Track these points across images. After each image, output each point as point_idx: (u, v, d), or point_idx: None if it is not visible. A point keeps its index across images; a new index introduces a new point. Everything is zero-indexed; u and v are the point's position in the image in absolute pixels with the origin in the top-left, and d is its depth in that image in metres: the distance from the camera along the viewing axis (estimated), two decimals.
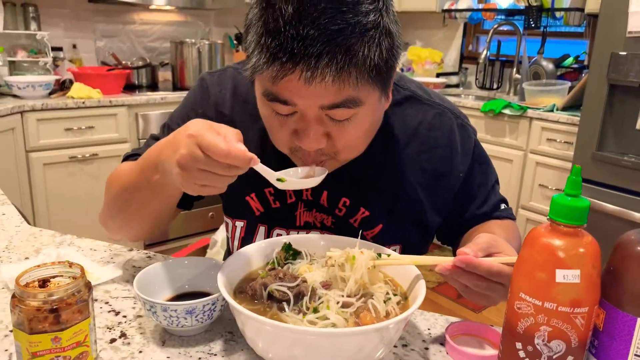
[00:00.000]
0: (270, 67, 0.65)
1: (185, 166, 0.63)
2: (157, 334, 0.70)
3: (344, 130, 0.71)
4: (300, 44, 0.62)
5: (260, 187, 0.89)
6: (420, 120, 0.88)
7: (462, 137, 0.89)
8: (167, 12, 3.47)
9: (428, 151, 0.87)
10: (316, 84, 0.64)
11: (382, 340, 0.58)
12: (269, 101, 0.70)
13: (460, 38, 3.75)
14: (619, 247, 0.55)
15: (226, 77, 0.93)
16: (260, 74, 0.67)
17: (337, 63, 0.63)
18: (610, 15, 2.20)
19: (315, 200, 0.88)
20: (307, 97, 0.66)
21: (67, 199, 2.65)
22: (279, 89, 0.67)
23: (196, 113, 0.91)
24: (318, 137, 0.71)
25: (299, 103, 0.68)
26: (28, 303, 0.55)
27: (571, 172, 0.54)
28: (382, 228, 0.88)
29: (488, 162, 0.95)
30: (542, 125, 2.65)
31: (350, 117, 0.70)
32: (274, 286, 0.65)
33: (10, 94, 2.63)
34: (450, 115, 0.89)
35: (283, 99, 0.68)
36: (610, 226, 2.24)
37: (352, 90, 0.66)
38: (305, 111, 0.69)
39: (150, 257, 0.93)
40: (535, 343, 0.54)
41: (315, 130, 0.70)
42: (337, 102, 0.67)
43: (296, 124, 0.71)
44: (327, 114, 0.69)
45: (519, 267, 0.56)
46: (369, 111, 0.72)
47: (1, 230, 1.03)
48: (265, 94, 0.70)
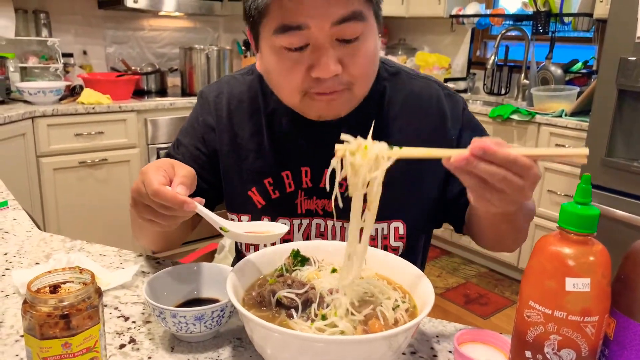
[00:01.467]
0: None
1: (134, 199, 0.72)
2: (166, 340, 0.70)
3: (355, 52, 0.76)
4: None
5: (260, 179, 0.92)
6: (409, 92, 0.93)
7: (450, 103, 0.93)
8: (176, 18, 3.50)
9: (418, 119, 0.91)
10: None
11: (390, 347, 0.58)
12: (282, 34, 0.73)
13: (468, 43, 3.74)
14: (630, 256, 0.54)
15: (222, 84, 0.98)
16: (272, 3, 0.72)
17: None
18: (619, 21, 2.19)
19: (315, 186, 0.91)
20: (320, 14, 0.71)
21: (76, 204, 2.67)
22: (292, 13, 0.72)
23: (198, 122, 0.97)
24: (332, 62, 0.74)
25: (312, 24, 0.72)
26: (39, 309, 0.56)
27: (581, 180, 0.54)
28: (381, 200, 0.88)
29: (481, 129, 0.96)
30: (550, 130, 2.64)
31: (359, 35, 0.75)
32: (282, 293, 0.65)
33: (22, 100, 2.66)
34: (436, 86, 0.94)
35: (296, 23, 0.72)
36: (620, 232, 2.22)
37: (357, 4, 0.73)
38: (317, 36, 0.73)
39: (160, 263, 0.94)
40: (545, 352, 0.54)
41: (330, 53, 0.74)
42: (346, 15, 0.72)
43: (310, 58, 0.75)
44: (337, 37, 0.74)
45: (529, 275, 0.56)
46: (371, 31, 0.78)
47: (12, 235, 1.04)
48: (278, 29, 0.73)
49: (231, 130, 0.94)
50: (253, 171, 0.92)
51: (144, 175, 0.69)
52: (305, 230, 0.92)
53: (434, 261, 3.23)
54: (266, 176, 0.92)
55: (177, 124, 2.88)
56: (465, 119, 0.94)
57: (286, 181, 0.91)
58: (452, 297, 2.80)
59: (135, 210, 0.73)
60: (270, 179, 0.91)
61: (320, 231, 0.92)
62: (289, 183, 0.91)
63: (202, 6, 3.13)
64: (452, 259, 3.28)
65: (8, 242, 1.00)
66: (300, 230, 0.92)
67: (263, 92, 0.94)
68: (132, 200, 0.73)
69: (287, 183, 0.91)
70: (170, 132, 2.88)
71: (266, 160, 0.92)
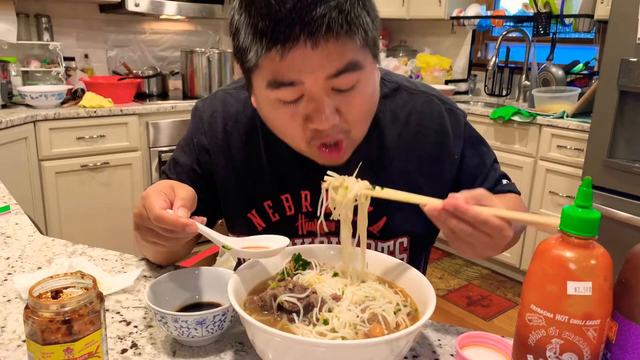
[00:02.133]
0: (274, 46, 0.67)
1: (137, 223, 0.74)
2: (167, 344, 0.70)
3: (351, 100, 0.73)
4: (297, 13, 0.65)
5: (260, 202, 0.90)
6: (410, 109, 0.90)
7: (452, 120, 0.91)
8: (178, 21, 3.51)
9: (421, 139, 0.89)
10: (321, 49, 0.67)
11: (392, 351, 0.58)
12: (276, 89, 0.71)
13: (469, 45, 3.74)
14: (631, 259, 0.54)
15: (216, 102, 0.95)
16: (264, 60, 0.69)
17: (336, 23, 0.66)
18: (620, 22, 2.19)
19: (315, 210, 0.88)
20: (313, 70, 0.68)
21: (78, 207, 2.68)
22: (284, 69, 0.69)
23: (193, 142, 0.94)
24: (330, 112, 0.72)
25: (306, 79, 0.69)
26: (41, 314, 0.56)
27: (582, 183, 0.54)
28: (386, 221, 0.89)
29: (482, 142, 0.96)
30: (552, 132, 2.64)
31: (355, 84, 0.72)
32: (283, 297, 0.65)
33: (24, 104, 2.67)
34: (437, 102, 0.92)
35: (289, 80, 0.69)
36: (622, 234, 2.22)
37: (352, 54, 0.70)
38: (312, 89, 0.70)
39: (161, 267, 0.94)
40: (547, 356, 0.54)
41: (325, 106, 0.71)
42: (341, 68, 0.69)
43: (306, 109, 0.73)
44: (333, 87, 0.71)
45: (530, 279, 0.56)
46: (369, 76, 0.75)
47: (14, 240, 1.04)
48: (271, 83, 0.71)
49: (227, 151, 0.91)
50: (252, 194, 0.91)
51: (145, 200, 0.70)
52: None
53: (436, 263, 3.23)
54: (265, 199, 0.90)
55: (178, 127, 2.89)
56: (466, 134, 0.93)
57: (286, 204, 0.90)
58: (454, 299, 2.80)
59: (138, 233, 0.74)
60: (269, 202, 0.90)
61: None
62: (289, 206, 0.90)
63: (203, 9, 3.14)
64: (454, 260, 3.28)
65: (10, 247, 1.00)
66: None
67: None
68: (135, 224, 0.75)
69: (287, 206, 0.90)
70: (172, 135, 2.89)
71: (265, 183, 0.90)
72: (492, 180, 0.94)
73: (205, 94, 3.12)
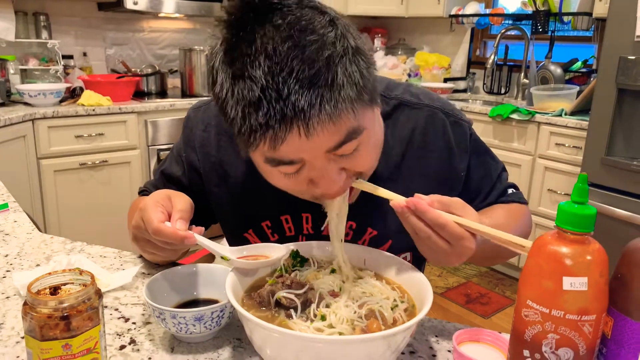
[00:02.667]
0: (265, 139, 0.61)
1: (135, 235, 0.74)
2: (166, 341, 0.71)
3: (356, 159, 0.69)
4: (287, 102, 0.58)
5: (257, 222, 0.88)
6: (413, 126, 0.86)
7: (456, 134, 0.88)
8: (176, 19, 3.50)
9: (426, 156, 0.86)
10: (317, 134, 0.61)
11: (389, 347, 0.58)
12: (275, 166, 0.66)
13: (467, 43, 3.74)
14: (626, 254, 0.55)
15: (210, 113, 0.90)
16: (257, 149, 0.63)
17: (329, 103, 0.59)
18: (618, 20, 2.20)
19: (316, 233, 0.86)
20: (311, 149, 0.63)
21: (77, 205, 2.68)
22: (280, 154, 0.63)
23: (182, 157, 0.92)
24: (335, 177, 0.67)
25: (305, 157, 0.64)
26: (39, 310, 0.56)
27: (578, 179, 0.54)
28: (391, 244, 0.87)
29: (487, 152, 0.93)
30: (550, 130, 2.64)
31: (357, 147, 0.67)
32: (281, 293, 0.65)
33: (22, 102, 2.67)
34: (441, 116, 0.87)
35: (288, 159, 0.64)
36: (620, 231, 2.22)
37: (350, 121, 0.63)
38: (313, 162, 0.65)
39: (160, 265, 0.94)
40: (542, 351, 0.54)
41: (330, 173, 0.67)
42: (341, 140, 0.64)
43: (309, 174, 0.67)
44: (334, 153, 0.66)
45: (526, 275, 0.56)
46: (371, 132, 0.70)
47: (13, 237, 1.04)
48: (269, 161, 0.66)
49: (221, 169, 0.88)
50: (249, 214, 0.88)
51: (143, 212, 0.70)
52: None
53: None
54: (264, 219, 0.87)
55: (177, 125, 2.89)
56: (472, 146, 0.90)
57: (285, 225, 0.87)
58: (453, 296, 2.80)
59: (137, 245, 0.75)
60: (268, 222, 0.87)
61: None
62: (288, 227, 0.87)
63: (201, 7, 3.13)
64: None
65: (9, 244, 1.01)
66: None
67: None
68: (133, 236, 0.75)
69: (287, 227, 0.87)
70: (171, 133, 2.89)
71: (264, 202, 0.86)
72: (498, 191, 0.93)
73: (204, 93, 3.12)
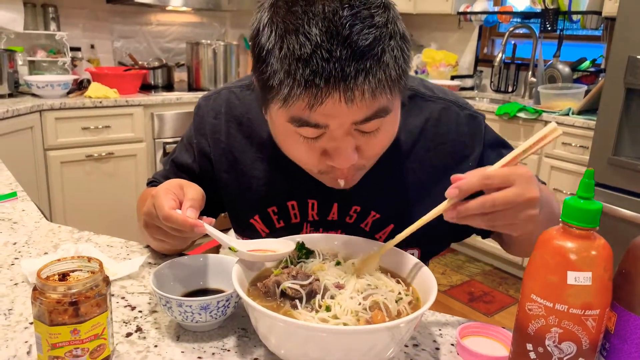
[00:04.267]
0: (306, 95, 0.62)
1: (146, 221, 0.75)
2: (172, 329, 0.71)
3: (373, 140, 0.70)
4: (336, 65, 0.60)
5: (264, 208, 0.89)
6: (427, 117, 0.87)
7: (471, 127, 0.87)
8: (184, 13, 3.51)
9: (436, 147, 0.86)
10: (356, 103, 0.63)
11: (393, 339, 0.59)
12: (298, 126, 0.67)
13: (475, 41, 3.73)
14: (631, 250, 0.55)
15: (220, 101, 0.92)
16: (292, 105, 0.64)
17: (374, 77, 0.62)
18: (628, 19, 2.18)
19: (321, 219, 0.87)
20: (343, 116, 0.65)
21: (83, 197, 2.69)
22: (313, 115, 0.64)
23: (193, 143, 0.93)
24: (350, 152, 0.69)
25: (332, 124, 0.66)
26: (49, 295, 0.57)
27: (584, 175, 0.54)
28: (393, 229, 0.87)
29: (503, 144, 0.91)
30: None
31: (380, 126, 0.69)
32: (287, 284, 0.66)
33: (30, 93, 2.68)
34: (455, 109, 0.87)
35: (315, 122, 0.65)
36: (626, 231, 2.21)
37: (385, 100, 0.66)
38: (336, 131, 0.67)
39: (166, 255, 0.95)
40: (546, 344, 0.55)
41: (347, 146, 0.68)
42: (369, 115, 0.66)
43: (325, 144, 0.69)
44: (357, 129, 0.68)
45: (531, 269, 0.56)
46: (395, 118, 0.72)
47: (21, 225, 1.05)
48: (294, 120, 0.67)
49: (231, 154, 0.90)
50: (256, 199, 0.88)
51: (154, 199, 0.71)
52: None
53: (439, 259, 3.24)
54: (270, 205, 0.88)
55: (183, 119, 2.90)
56: (487, 138, 0.89)
57: (292, 212, 0.88)
58: (457, 294, 2.81)
59: (147, 231, 0.76)
60: (274, 207, 0.88)
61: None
62: (294, 214, 0.88)
63: (209, 1, 3.14)
64: (457, 256, 3.29)
65: (17, 232, 1.02)
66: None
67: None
68: (144, 222, 0.75)
69: (293, 214, 0.88)
70: (177, 126, 2.90)
71: (271, 188, 0.88)
72: None
73: (211, 86, 3.13)
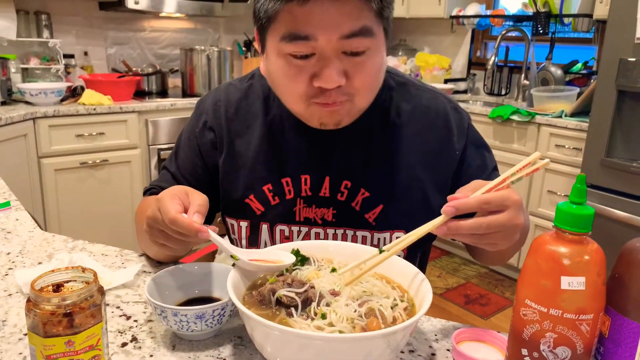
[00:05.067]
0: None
1: (150, 225, 0.75)
2: (167, 339, 0.71)
3: (360, 65, 0.76)
4: None
5: (260, 186, 0.92)
6: (416, 103, 0.93)
7: (456, 118, 0.93)
8: (177, 19, 3.51)
9: (425, 132, 0.91)
10: (340, 5, 0.70)
11: (388, 345, 0.59)
12: (290, 42, 0.74)
13: (468, 44, 3.75)
14: (624, 254, 0.55)
15: (219, 92, 0.98)
16: (282, 10, 0.72)
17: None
18: (618, 21, 2.20)
19: (314, 195, 0.91)
20: (328, 26, 0.72)
21: (77, 204, 2.68)
22: (301, 21, 0.72)
23: (195, 135, 0.97)
24: (338, 72, 0.74)
25: (320, 36, 0.72)
26: (43, 307, 0.57)
27: (576, 180, 0.55)
28: (382, 209, 0.90)
29: (485, 146, 0.96)
30: (550, 131, 2.64)
31: (365, 50, 0.75)
32: (282, 292, 0.66)
33: (23, 101, 2.67)
34: (443, 99, 0.94)
35: (304, 34, 0.72)
36: (619, 232, 2.23)
37: (367, 19, 0.73)
38: (324, 47, 0.73)
39: (161, 263, 0.95)
40: (540, 349, 0.55)
41: (334, 64, 0.74)
42: (354, 30, 0.72)
43: (315, 66, 0.75)
44: (344, 50, 0.74)
45: (525, 274, 0.57)
46: (379, 47, 0.78)
47: (15, 235, 1.05)
48: (285, 37, 0.74)
49: (229, 137, 0.94)
50: (252, 177, 0.93)
51: (160, 203, 0.72)
52: (304, 238, 0.93)
53: (435, 261, 3.24)
54: (266, 182, 0.92)
55: (177, 125, 2.90)
56: (470, 135, 0.94)
57: (286, 188, 0.91)
58: (453, 297, 2.81)
59: (150, 235, 0.76)
60: (270, 185, 0.92)
61: (319, 239, 0.92)
62: (288, 190, 0.91)
63: (202, 7, 3.14)
64: (453, 259, 3.29)
65: (11, 242, 1.01)
66: (300, 237, 0.93)
67: (265, 97, 0.94)
68: (147, 226, 0.76)
69: (287, 190, 0.91)
70: (171, 133, 2.89)
71: (266, 166, 0.92)
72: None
73: (205, 92, 3.12)
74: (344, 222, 0.91)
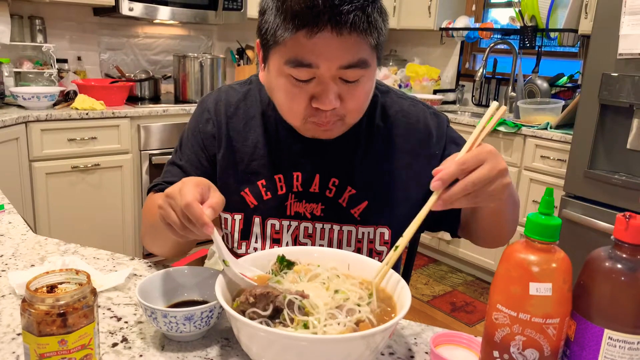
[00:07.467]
0: (303, 28, 0.76)
1: (164, 201, 0.75)
2: (156, 339, 0.74)
3: (353, 91, 0.83)
4: (328, 5, 0.74)
5: (254, 181, 0.98)
6: (398, 109, 1.01)
7: (435, 122, 1.01)
8: (171, 26, 3.54)
9: (407, 134, 0.99)
10: (343, 39, 0.77)
11: (368, 347, 0.62)
12: (293, 67, 0.80)
13: (457, 56, 3.81)
14: (588, 263, 0.59)
15: (221, 93, 1.05)
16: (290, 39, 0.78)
17: (360, 21, 0.76)
18: (602, 37, 2.27)
19: (305, 190, 0.97)
20: (330, 57, 0.78)
21: (68, 209, 2.69)
22: (306, 51, 0.78)
23: (198, 130, 1.03)
24: (335, 96, 0.82)
25: (322, 65, 0.78)
26: (37, 307, 0.59)
27: (545, 193, 0.58)
28: (367, 205, 0.97)
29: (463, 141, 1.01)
30: (536, 142, 2.70)
31: (359, 78, 0.82)
32: (249, 312, 0.66)
33: (15, 104, 2.68)
34: (422, 106, 1.03)
35: (308, 62, 0.78)
36: (601, 243, 2.23)
37: (364, 53, 0.80)
38: (324, 74, 0.80)
39: (151, 266, 0.97)
40: (511, 352, 0.58)
41: (331, 90, 0.81)
42: (353, 62, 0.79)
43: (314, 89, 0.82)
44: (341, 77, 0.81)
45: (497, 280, 0.60)
46: (371, 75, 0.85)
47: (8, 238, 1.06)
48: (290, 61, 0.80)
49: (227, 134, 1.00)
50: (248, 173, 0.99)
51: (183, 184, 0.73)
52: (294, 232, 0.98)
53: (422, 269, 3.28)
54: (260, 178, 0.98)
55: (169, 131, 2.92)
56: (449, 134, 1.02)
57: (278, 184, 0.98)
58: (439, 304, 2.84)
59: (161, 210, 0.76)
60: (263, 180, 0.98)
61: (308, 233, 0.98)
62: (280, 186, 0.98)
63: (196, 15, 3.17)
64: (439, 267, 3.33)
65: (4, 245, 1.03)
66: (289, 231, 0.98)
67: (261, 101, 1.00)
68: (161, 201, 0.76)
69: (279, 186, 0.98)
70: (163, 138, 2.91)
71: (261, 163, 0.98)
72: None
73: (197, 99, 3.15)
74: (332, 217, 0.97)
